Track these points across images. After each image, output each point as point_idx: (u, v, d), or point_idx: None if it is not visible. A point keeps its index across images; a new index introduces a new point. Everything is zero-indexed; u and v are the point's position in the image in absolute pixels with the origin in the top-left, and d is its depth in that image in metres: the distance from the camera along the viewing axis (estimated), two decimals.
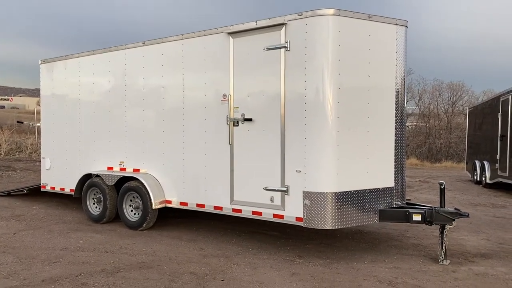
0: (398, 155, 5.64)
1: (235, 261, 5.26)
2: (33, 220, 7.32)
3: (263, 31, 5.57)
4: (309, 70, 5.22)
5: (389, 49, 5.53)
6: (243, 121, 5.76)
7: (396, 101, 5.61)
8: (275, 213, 5.54)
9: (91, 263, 5.08)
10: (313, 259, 5.41)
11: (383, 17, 5.46)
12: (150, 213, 6.58)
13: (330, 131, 5.18)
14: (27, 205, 8.62)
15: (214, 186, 6.11)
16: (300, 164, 5.30)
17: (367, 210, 5.42)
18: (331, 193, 5.17)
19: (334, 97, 5.17)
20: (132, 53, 7.03)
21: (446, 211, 5.34)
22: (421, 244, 6.21)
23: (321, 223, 5.21)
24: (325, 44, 5.16)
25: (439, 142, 28.03)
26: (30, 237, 6.24)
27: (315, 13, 5.17)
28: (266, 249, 5.79)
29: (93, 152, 7.66)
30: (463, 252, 5.87)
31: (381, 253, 5.75)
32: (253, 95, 5.71)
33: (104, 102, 7.46)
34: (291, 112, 5.36)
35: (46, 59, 8.47)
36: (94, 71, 7.59)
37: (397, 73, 5.59)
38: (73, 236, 6.30)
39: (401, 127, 5.68)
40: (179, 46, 6.43)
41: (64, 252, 5.52)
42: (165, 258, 5.31)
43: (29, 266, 4.98)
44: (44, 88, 8.52)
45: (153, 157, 6.83)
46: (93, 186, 7.37)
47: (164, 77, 6.66)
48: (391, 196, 5.61)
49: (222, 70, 5.93)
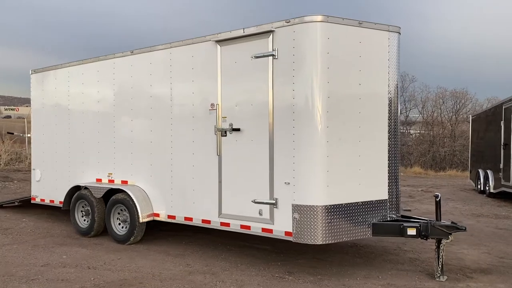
0: (392, 166, 5.42)
1: (221, 278, 5.04)
2: (20, 234, 7.13)
3: (250, 39, 5.39)
4: (297, 79, 5.03)
5: (381, 56, 5.33)
6: (231, 131, 5.57)
7: (389, 109, 5.40)
8: (263, 227, 5.31)
9: (70, 281, 4.87)
10: (303, 276, 5.17)
11: (374, 23, 5.27)
12: (137, 226, 6.37)
13: (319, 141, 4.97)
14: (17, 218, 8.45)
15: (202, 199, 5.90)
16: (289, 176, 5.09)
17: (360, 223, 5.19)
18: (321, 206, 4.95)
19: (323, 106, 4.97)
20: (121, 62, 6.88)
21: (442, 224, 5.09)
22: (418, 259, 5.95)
23: (311, 238, 4.98)
24: (313, 52, 4.97)
25: (443, 151, 27.69)
26: (13, 252, 6.05)
27: (303, 20, 4.99)
28: (255, 265, 5.56)
29: (82, 164, 7.49)
30: (462, 267, 5.61)
31: (376, 268, 5.51)
32: (241, 104, 5.52)
33: (93, 112, 7.30)
34: (279, 122, 5.16)
35: (37, 69, 8.34)
36: (83, 81, 7.45)
37: (389, 81, 5.39)
38: (57, 251, 6.09)
39: (394, 137, 5.46)
40: (167, 54, 6.27)
41: (45, 268, 5.32)
42: (148, 275, 5.09)
43: (5, 284, 4.78)
44: (35, 98, 8.39)
45: (141, 169, 6.64)
46: (81, 199, 7.18)
47: (152, 86, 6.49)
48: (385, 208, 5.38)
49: (210, 79, 5.76)
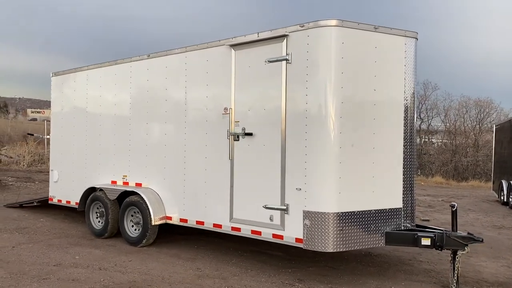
0: (407, 174, 5.30)
1: (230, 283, 4.99)
2: (36, 233, 7.24)
3: (264, 43, 5.38)
4: (311, 83, 4.98)
5: (397, 62, 5.24)
6: (243, 136, 5.55)
7: (405, 116, 5.29)
8: (274, 233, 5.26)
9: (80, 281, 4.91)
10: (313, 284, 5.09)
11: (391, 28, 5.19)
12: (150, 229, 6.39)
13: (331, 147, 4.90)
14: (35, 218, 8.58)
15: (214, 203, 5.88)
16: (300, 182, 5.03)
17: (373, 232, 5.08)
18: (333, 213, 4.87)
19: (337, 111, 4.90)
20: (137, 66, 6.95)
21: (458, 235, 4.94)
22: (434, 270, 5.79)
23: (322, 245, 4.89)
24: (327, 57, 4.92)
25: (466, 160, 27.06)
26: (28, 251, 6.13)
27: (317, 24, 4.95)
28: (266, 271, 5.50)
29: (98, 165, 7.57)
30: (478, 280, 5.44)
31: (389, 278, 5.38)
32: (254, 108, 5.50)
33: (109, 115, 7.39)
34: (292, 127, 5.11)
35: (57, 72, 8.51)
36: (101, 84, 7.55)
37: (406, 87, 5.29)
38: (70, 251, 6.16)
39: (410, 144, 5.34)
40: (183, 58, 6.31)
41: (57, 268, 5.38)
42: (157, 278, 5.09)
43: (17, 282, 4.84)
44: (55, 100, 8.55)
45: (155, 172, 6.67)
46: (96, 200, 7.26)
47: (167, 90, 6.54)
48: (399, 217, 5.26)
49: (224, 83, 5.76)
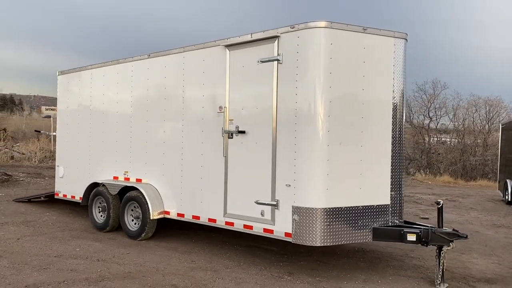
0: (395, 172, 5.43)
1: (222, 275, 5.19)
2: (41, 227, 7.52)
3: (257, 44, 5.55)
4: (300, 83, 5.14)
5: (385, 62, 5.37)
6: (237, 134, 5.73)
7: (394, 115, 5.42)
8: (265, 228, 5.44)
9: (78, 271, 5.15)
10: (302, 277, 5.25)
11: (379, 29, 5.32)
12: (148, 223, 6.62)
13: (320, 145, 5.06)
14: (42, 212, 8.87)
15: (209, 198, 6.08)
16: (289, 178, 5.20)
17: (360, 227, 5.23)
18: (321, 209, 5.03)
19: (325, 110, 5.06)
20: (138, 65, 7.17)
21: (443, 231, 5.07)
22: (423, 266, 5.91)
23: (310, 239, 5.06)
24: (316, 57, 5.07)
25: (474, 160, 26.89)
26: (32, 243, 6.40)
27: (307, 25, 5.10)
28: (257, 264, 5.68)
29: (101, 162, 7.82)
30: (466, 275, 5.55)
31: (377, 273, 5.52)
32: (247, 107, 5.68)
33: (112, 113, 7.63)
34: (282, 125, 5.29)
35: (63, 71, 8.77)
36: (104, 82, 7.80)
37: (394, 87, 5.41)
38: (72, 244, 6.41)
39: (399, 143, 5.48)
40: (181, 58, 6.51)
41: (57, 259, 5.63)
42: (152, 269, 5.31)
43: (19, 271, 5.10)
44: (60, 98, 8.82)
45: (155, 168, 6.89)
46: (98, 195, 7.52)
47: (166, 88, 6.74)
48: (386, 214, 5.40)
49: (219, 83, 5.94)
